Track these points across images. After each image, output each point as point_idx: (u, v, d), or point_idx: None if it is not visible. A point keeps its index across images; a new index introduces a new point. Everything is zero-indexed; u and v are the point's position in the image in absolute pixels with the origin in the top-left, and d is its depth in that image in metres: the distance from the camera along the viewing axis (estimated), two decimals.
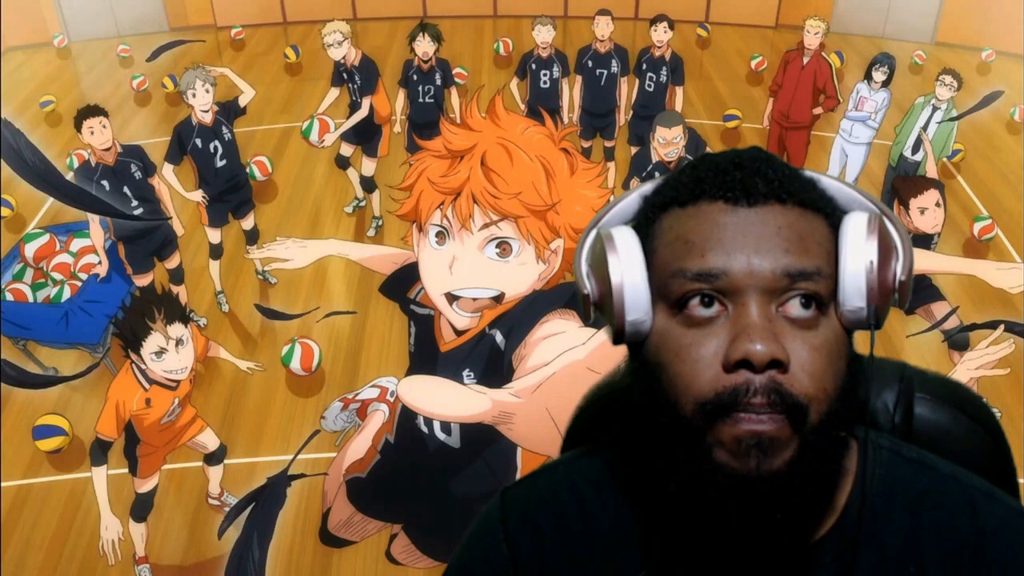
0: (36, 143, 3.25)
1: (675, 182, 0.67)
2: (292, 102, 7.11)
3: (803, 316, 0.62)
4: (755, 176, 0.63)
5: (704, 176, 0.65)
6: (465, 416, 2.07)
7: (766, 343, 0.59)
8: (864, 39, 8.60)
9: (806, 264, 0.62)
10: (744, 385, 0.60)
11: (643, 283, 0.65)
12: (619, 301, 0.65)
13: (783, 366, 0.60)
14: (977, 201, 5.73)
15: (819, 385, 0.61)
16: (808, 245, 0.63)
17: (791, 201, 0.63)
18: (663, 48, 5.02)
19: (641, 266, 0.66)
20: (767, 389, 0.60)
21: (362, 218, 5.50)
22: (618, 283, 0.65)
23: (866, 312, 0.62)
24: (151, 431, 2.87)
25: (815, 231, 0.64)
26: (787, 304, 0.62)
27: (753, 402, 0.60)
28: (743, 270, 0.61)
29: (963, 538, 0.66)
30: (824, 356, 0.61)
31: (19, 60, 8.29)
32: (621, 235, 0.67)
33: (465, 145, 2.05)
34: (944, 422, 0.78)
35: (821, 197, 0.66)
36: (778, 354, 0.59)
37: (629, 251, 0.66)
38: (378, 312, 4.41)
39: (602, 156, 5.26)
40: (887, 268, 0.63)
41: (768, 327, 0.60)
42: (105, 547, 2.82)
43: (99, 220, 3.93)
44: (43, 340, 4.13)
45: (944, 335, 3.58)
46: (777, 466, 0.61)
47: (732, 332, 0.61)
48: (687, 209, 0.65)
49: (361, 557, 3.17)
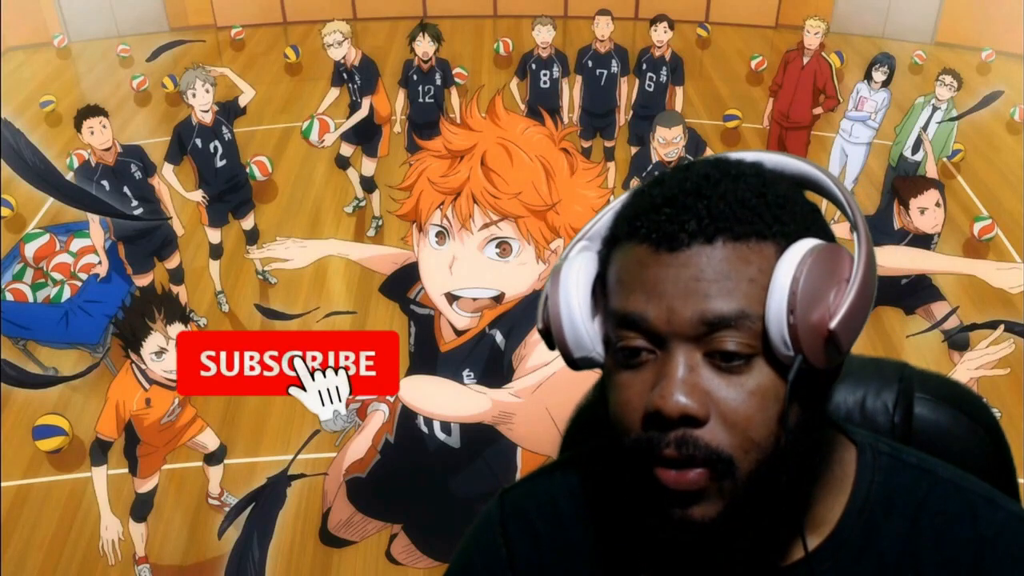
0: (36, 143, 3.25)
1: (622, 212, 0.65)
2: (292, 102, 7.10)
3: (731, 363, 0.59)
4: (685, 214, 0.59)
5: (639, 212, 0.62)
6: (465, 416, 2.07)
7: (677, 397, 0.58)
8: (864, 39, 8.59)
9: (726, 308, 0.58)
10: (656, 438, 0.59)
11: (583, 323, 0.65)
12: (560, 339, 0.66)
13: (696, 421, 0.58)
14: (977, 201, 5.73)
15: (743, 435, 0.59)
16: (735, 285, 0.58)
17: (722, 238, 0.59)
18: (663, 48, 5.02)
19: (581, 306, 0.65)
20: (679, 443, 0.59)
21: (362, 218, 5.50)
22: (557, 322, 0.65)
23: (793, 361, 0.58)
24: (151, 431, 2.87)
25: (749, 267, 0.59)
26: (714, 350, 0.59)
27: (666, 453, 0.59)
28: (662, 317, 0.59)
29: (963, 545, 0.65)
30: (753, 404, 0.59)
31: (19, 60, 8.28)
32: (568, 269, 0.66)
33: (465, 145, 2.05)
34: (944, 422, 0.78)
35: (774, 222, 0.60)
36: (690, 410, 0.58)
37: (570, 288, 0.65)
38: (378, 312, 4.41)
39: (602, 156, 5.26)
40: (818, 313, 0.58)
41: (687, 379, 0.58)
42: (105, 547, 2.82)
43: (99, 220, 3.93)
44: (43, 340, 4.13)
45: (944, 335, 3.58)
46: (706, 515, 0.60)
47: (656, 379, 0.60)
48: (624, 247, 0.63)
49: (361, 557, 3.17)
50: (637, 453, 0.61)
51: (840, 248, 0.61)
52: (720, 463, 0.59)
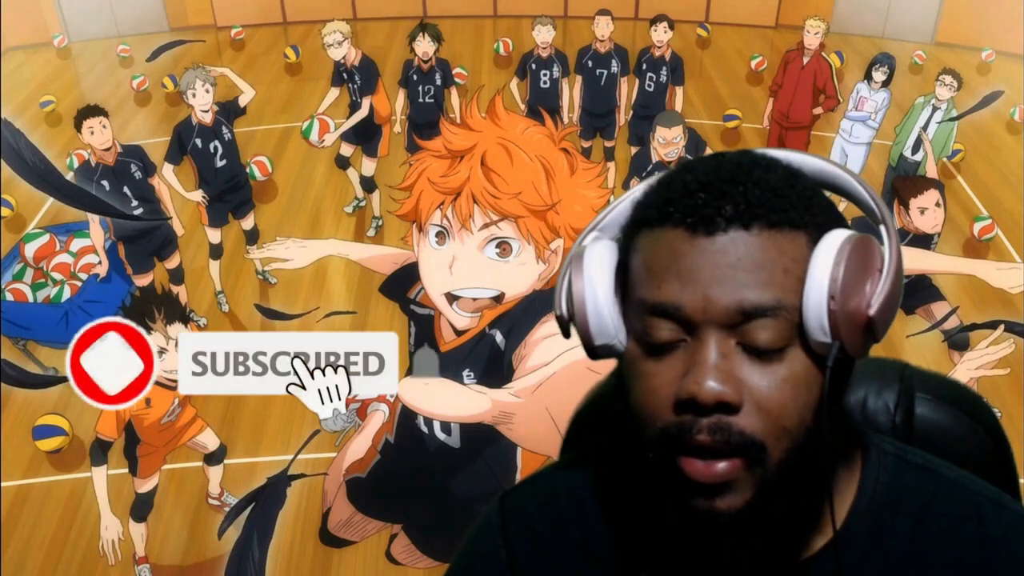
0: (36, 143, 3.25)
1: (649, 198, 0.65)
2: (292, 102, 7.10)
3: (765, 349, 0.59)
4: (722, 200, 0.59)
5: (672, 197, 0.61)
6: (465, 416, 2.07)
7: (714, 384, 0.58)
8: (864, 39, 8.59)
9: (763, 299, 0.58)
10: (689, 423, 0.59)
11: (607, 310, 0.64)
12: (583, 326, 0.65)
13: (732, 407, 0.58)
14: (977, 201, 5.73)
15: (776, 423, 0.58)
16: (771, 275, 0.58)
17: (758, 225, 0.59)
18: (663, 48, 5.02)
19: (606, 292, 0.64)
20: (713, 429, 0.58)
21: (362, 218, 5.50)
22: (580, 309, 0.65)
23: (831, 347, 0.59)
24: (151, 431, 2.87)
25: (783, 256, 0.59)
26: (748, 336, 0.59)
27: (699, 440, 0.58)
28: (697, 305, 0.59)
29: (969, 546, 0.65)
30: (786, 391, 0.59)
31: (19, 60, 8.28)
32: (591, 254, 0.66)
33: (465, 145, 2.05)
34: (945, 422, 0.78)
35: (806, 212, 0.61)
36: (726, 396, 0.58)
37: (595, 274, 0.65)
38: (378, 312, 4.40)
39: (602, 156, 5.26)
40: (856, 301, 0.58)
41: (720, 365, 0.58)
42: (105, 547, 2.82)
43: (99, 220, 3.93)
44: (43, 340, 4.13)
45: (944, 335, 3.58)
46: (733, 506, 0.60)
47: (686, 366, 0.59)
48: (654, 232, 0.62)
49: (361, 557, 3.17)
50: (666, 441, 0.60)
51: (872, 239, 0.61)
52: (753, 449, 0.58)
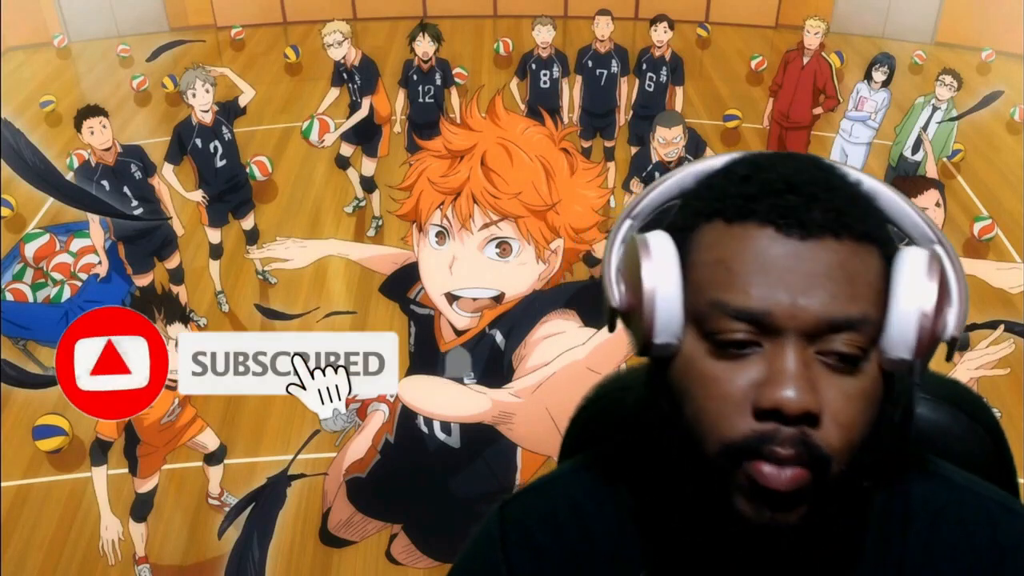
0: (36, 143, 3.25)
1: (722, 190, 0.61)
2: (292, 102, 7.10)
3: (843, 363, 0.57)
4: (812, 203, 0.57)
5: (756, 194, 0.58)
6: (465, 416, 2.08)
7: (801, 394, 0.56)
8: (864, 39, 8.59)
9: (853, 312, 0.57)
10: (772, 433, 0.57)
11: (677, 303, 0.59)
12: (649, 322, 0.60)
13: (815, 419, 0.56)
14: (977, 201, 5.73)
15: (847, 437, 0.57)
16: (858, 288, 0.57)
17: (847, 235, 0.57)
18: (663, 48, 5.02)
19: (676, 283, 0.60)
20: (795, 441, 0.56)
21: (362, 218, 5.50)
22: (649, 300, 0.59)
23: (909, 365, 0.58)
24: (151, 431, 2.87)
25: (867, 269, 0.58)
26: (827, 348, 0.57)
27: (778, 451, 0.57)
28: (786, 311, 0.56)
29: (982, 553, 0.64)
30: (858, 406, 0.58)
31: (19, 60, 8.28)
32: (657, 242, 0.61)
33: (465, 145, 2.05)
34: (944, 421, 0.78)
35: (879, 225, 0.60)
36: (812, 406, 0.56)
37: (665, 264, 0.60)
38: (378, 312, 4.40)
39: (602, 156, 5.26)
40: (941, 319, 0.58)
41: (804, 374, 0.56)
42: (105, 547, 2.82)
43: (99, 220, 3.92)
44: (43, 340, 4.13)
45: None
46: (790, 520, 0.58)
47: (765, 373, 0.57)
48: (733, 228, 0.59)
49: (361, 557, 3.17)
50: (740, 448, 0.58)
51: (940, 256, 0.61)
52: (823, 463, 0.57)
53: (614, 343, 1.95)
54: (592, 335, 2.00)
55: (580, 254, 2.24)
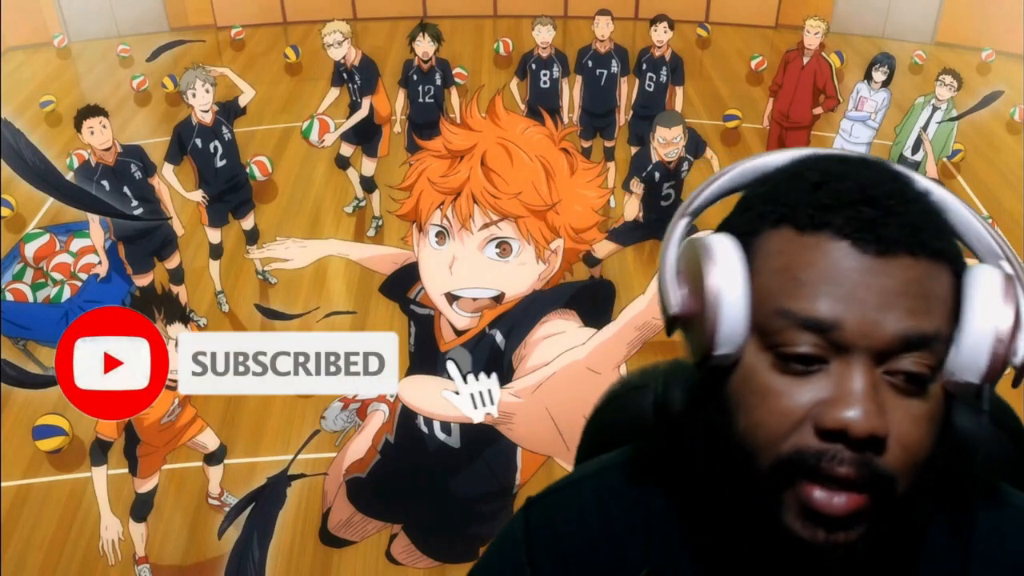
0: (36, 143, 3.25)
1: (792, 196, 0.58)
2: (292, 102, 7.10)
3: (911, 384, 0.55)
4: (889, 217, 0.55)
5: (830, 204, 0.56)
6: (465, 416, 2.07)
7: (868, 417, 0.53)
8: (864, 39, 8.59)
9: (927, 329, 0.54)
10: (833, 452, 0.54)
11: (743, 314, 0.57)
12: (712, 330, 0.57)
13: (881, 443, 0.54)
14: (977, 201, 5.73)
15: (912, 459, 0.55)
16: (932, 305, 0.55)
17: (922, 252, 0.55)
18: (663, 48, 5.02)
19: (743, 290, 0.57)
20: (857, 463, 0.54)
21: (362, 218, 5.50)
22: (713, 309, 0.57)
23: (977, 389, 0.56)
24: (151, 431, 2.87)
25: (940, 286, 0.56)
26: (896, 370, 0.55)
27: (839, 472, 0.54)
28: (858, 327, 0.54)
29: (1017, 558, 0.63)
30: (924, 428, 0.56)
31: (19, 60, 8.28)
32: (723, 246, 0.58)
33: (465, 145, 2.05)
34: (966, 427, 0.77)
35: (951, 241, 0.58)
36: (879, 430, 0.54)
37: (732, 270, 0.57)
38: (378, 312, 4.40)
39: (602, 156, 5.26)
40: (1016, 343, 0.55)
41: (872, 396, 0.54)
42: (105, 547, 2.82)
43: (99, 220, 3.92)
44: (43, 340, 4.13)
45: None
46: (849, 539, 0.56)
47: (831, 391, 0.55)
48: (804, 237, 0.56)
49: (361, 557, 3.17)
50: (796, 465, 0.55)
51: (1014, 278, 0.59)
52: (886, 483, 0.55)
53: (614, 343, 1.95)
54: (592, 335, 2.00)
55: (580, 254, 2.24)
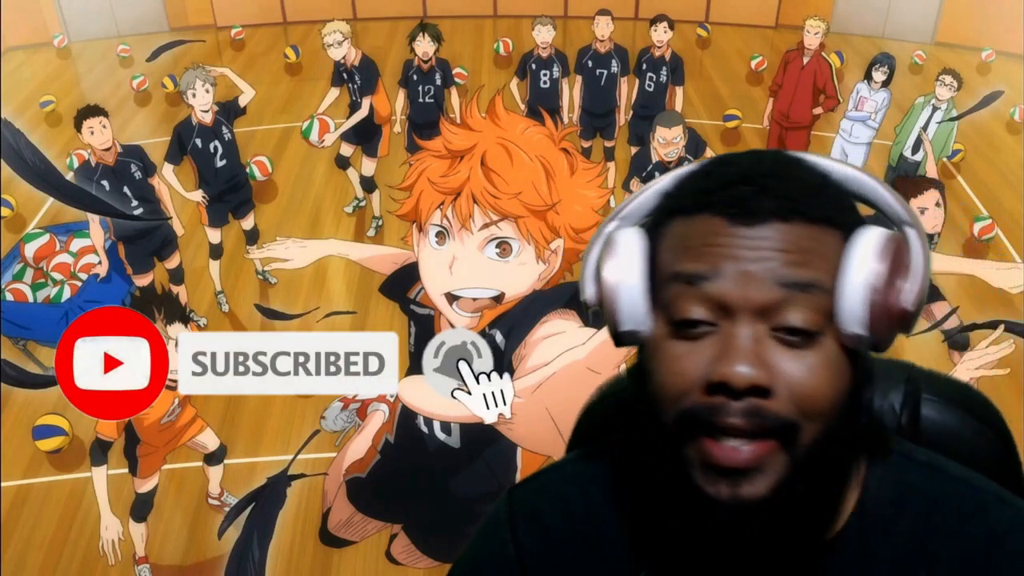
0: (36, 143, 3.25)
1: (684, 188, 0.66)
2: (292, 102, 7.10)
3: (796, 337, 0.59)
4: (762, 193, 0.60)
5: (710, 187, 0.62)
6: (465, 416, 2.07)
7: (748, 367, 0.58)
8: (864, 39, 8.59)
9: (802, 275, 0.59)
10: (720, 405, 0.59)
11: (639, 292, 0.64)
12: (612, 309, 0.64)
13: (765, 391, 0.58)
14: (977, 201, 5.73)
15: (809, 406, 0.59)
16: (809, 259, 0.60)
17: (797, 218, 0.60)
18: (663, 48, 5.02)
19: (639, 274, 0.64)
20: (746, 412, 0.58)
21: (362, 218, 5.50)
22: (612, 292, 0.64)
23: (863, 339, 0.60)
24: (151, 431, 2.87)
25: (820, 245, 0.60)
26: (780, 324, 0.59)
27: (730, 422, 0.58)
28: (732, 283, 0.59)
29: (975, 542, 0.65)
30: (817, 378, 0.59)
31: (19, 60, 8.28)
32: (624, 239, 0.65)
33: (465, 145, 2.05)
34: (951, 424, 0.77)
35: (839, 211, 0.62)
36: (759, 380, 0.58)
37: (628, 258, 0.64)
38: (378, 312, 4.40)
39: (602, 156, 5.26)
40: (894, 294, 0.60)
41: (753, 349, 0.58)
42: (105, 547, 2.82)
43: (99, 220, 3.93)
44: (43, 340, 4.13)
45: (944, 335, 3.57)
46: (758, 492, 0.59)
47: (719, 350, 0.59)
48: (689, 219, 0.63)
49: (361, 557, 3.17)
50: (691, 421, 0.60)
51: (902, 236, 0.62)
52: (788, 430, 0.59)
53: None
54: (592, 335, 2.00)
55: (580, 254, 2.24)
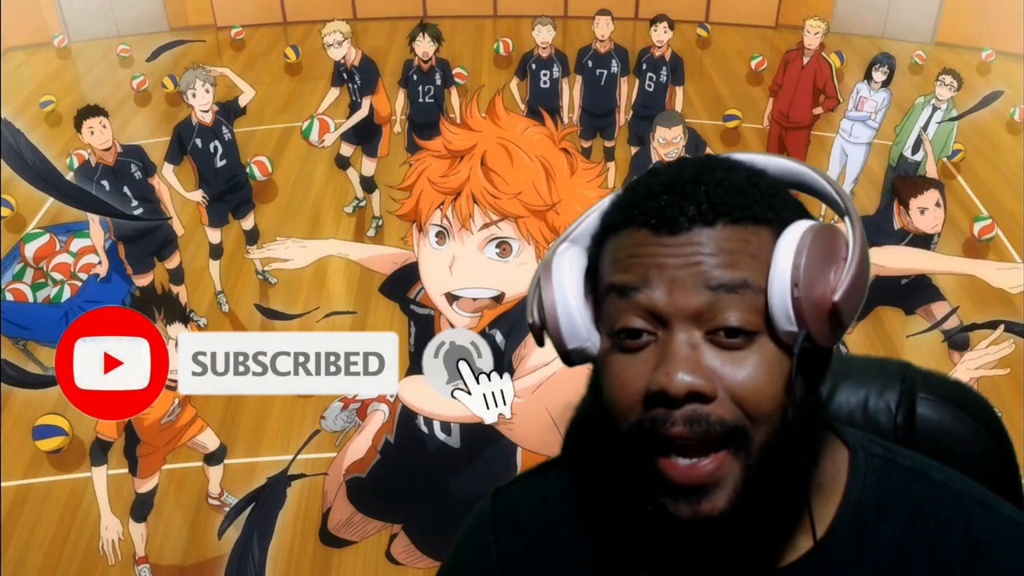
0: (36, 143, 3.25)
1: (615, 204, 0.66)
2: (292, 102, 7.10)
3: (733, 339, 0.59)
4: (684, 200, 0.60)
5: (636, 200, 0.63)
6: (464, 416, 2.08)
7: (683, 375, 0.57)
8: (864, 39, 8.59)
9: (730, 276, 0.59)
10: (662, 416, 0.58)
11: (577, 310, 0.64)
12: (555, 330, 0.65)
13: (705, 397, 0.58)
14: (977, 201, 5.73)
15: (753, 409, 0.58)
16: (736, 259, 0.59)
17: (721, 221, 0.60)
18: (663, 48, 5.02)
19: (576, 293, 0.64)
20: (689, 420, 0.58)
21: (362, 218, 5.50)
22: (552, 313, 0.65)
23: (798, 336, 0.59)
24: (151, 431, 2.87)
25: (748, 245, 0.60)
26: (716, 327, 0.59)
27: (674, 432, 0.58)
28: (662, 291, 0.59)
29: (956, 550, 0.64)
30: (758, 377, 0.59)
31: (19, 60, 8.28)
32: (559, 261, 0.66)
33: (465, 145, 2.05)
34: (947, 422, 0.77)
35: (768, 208, 0.61)
36: (696, 386, 0.57)
37: (564, 278, 0.65)
38: (378, 312, 4.40)
39: (602, 156, 5.26)
40: (820, 288, 0.59)
41: (690, 355, 0.58)
42: (105, 547, 2.82)
43: (99, 220, 3.93)
44: (43, 340, 4.13)
45: (944, 335, 3.58)
46: (717, 507, 0.59)
47: (657, 360, 0.59)
48: (618, 234, 0.63)
49: (361, 557, 3.17)
50: (640, 436, 0.59)
51: (836, 228, 0.62)
52: (735, 434, 0.58)
53: None
54: None
55: None
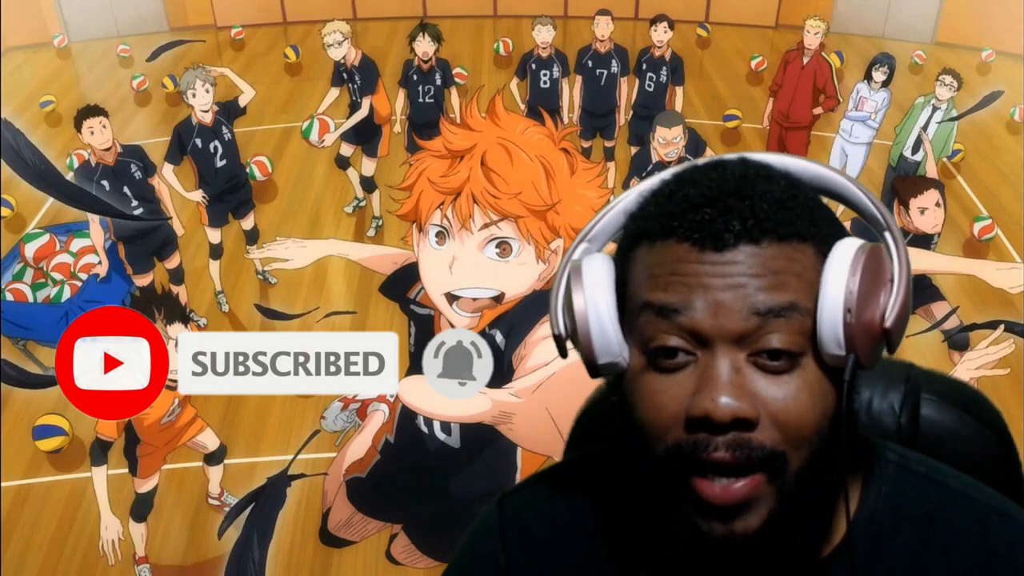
0: (36, 143, 3.25)
1: (648, 211, 0.63)
2: (292, 102, 7.10)
3: (776, 362, 0.57)
4: (728, 215, 0.58)
5: (675, 211, 0.60)
6: (465, 416, 2.07)
7: (729, 400, 0.56)
8: (864, 39, 8.59)
9: (777, 300, 0.57)
10: (704, 441, 0.57)
11: (612, 324, 0.61)
12: (587, 343, 0.62)
13: (749, 423, 0.56)
14: (977, 201, 5.73)
15: (795, 433, 0.57)
16: (783, 280, 0.57)
17: (767, 239, 0.58)
18: (663, 48, 5.02)
19: (609, 305, 0.62)
20: (732, 446, 0.57)
21: (362, 218, 5.50)
22: (584, 324, 0.62)
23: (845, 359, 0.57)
24: (151, 431, 2.87)
25: (794, 263, 0.58)
26: (759, 349, 0.57)
27: (716, 457, 0.57)
28: (707, 312, 0.57)
29: (973, 558, 0.63)
30: (802, 402, 0.57)
31: (19, 60, 8.28)
32: (591, 268, 0.63)
33: (465, 145, 2.05)
34: (950, 423, 0.77)
35: (812, 223, 0.60)
36: (742, 412, 0.56)
37: (597, 288, 0.62)
38: (378, 312, 4.40)
39: (602, 156, 5.26)
40: (871, 313, 0.57)
41: (734, 380, 0.57)
42: (105, 547, 2.82)
43: (99, 220, 3.93)
44: (43, 340, 4.13)
45: (944, 335, 3.58)
46: (750, 527, 0.58)
47: (697, 382, 0.57)
48: (656, 245, 0.60)
49: (361, 557, 3.17)
50: (678, 459, 0.58)
51: (881, 247, 0.60)
52: (774, 460, 0.57)
53: None
54: None
55: None
